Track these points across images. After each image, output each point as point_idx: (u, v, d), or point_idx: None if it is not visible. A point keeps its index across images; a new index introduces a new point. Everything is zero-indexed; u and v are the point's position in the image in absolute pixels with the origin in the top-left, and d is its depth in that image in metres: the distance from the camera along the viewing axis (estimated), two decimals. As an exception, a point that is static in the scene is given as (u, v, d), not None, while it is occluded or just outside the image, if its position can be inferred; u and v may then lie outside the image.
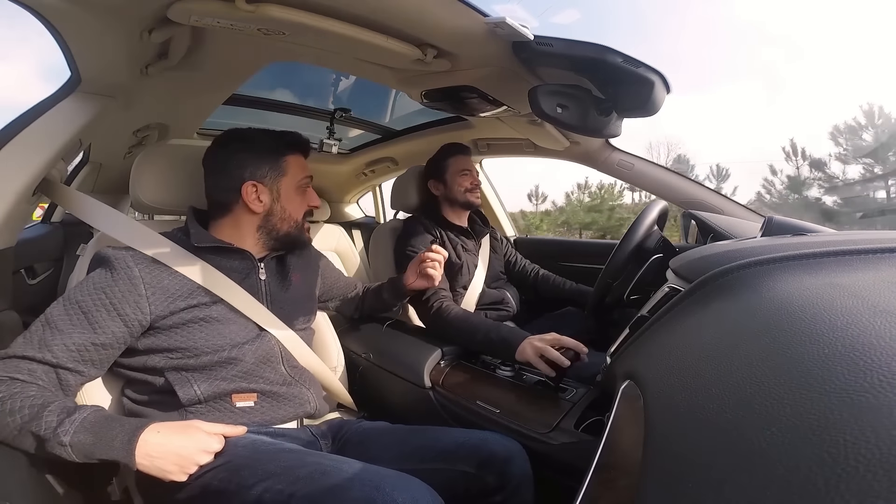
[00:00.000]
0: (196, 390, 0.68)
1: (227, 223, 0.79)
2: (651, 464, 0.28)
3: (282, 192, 0.79)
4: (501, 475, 0.66)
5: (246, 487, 0.56)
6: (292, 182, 0.80)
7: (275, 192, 0.79)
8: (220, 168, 0.78)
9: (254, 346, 0.74)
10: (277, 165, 0.79)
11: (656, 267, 0.90)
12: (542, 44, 0.77)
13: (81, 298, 0.65)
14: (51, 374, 0.62)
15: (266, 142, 0.79)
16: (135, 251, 0.70)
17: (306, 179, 0.83)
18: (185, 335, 0.69)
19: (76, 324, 0.64)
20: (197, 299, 0.71)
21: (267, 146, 0.79)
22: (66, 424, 0.54)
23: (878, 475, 0.15)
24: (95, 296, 0.65)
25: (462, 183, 1.30)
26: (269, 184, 0.78)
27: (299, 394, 0.77)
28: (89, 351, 0.64)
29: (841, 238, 0.54)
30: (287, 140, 0.81)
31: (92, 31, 0.65)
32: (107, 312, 0.65)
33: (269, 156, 0.78)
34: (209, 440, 0.61)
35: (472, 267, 1.31)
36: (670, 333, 0.41)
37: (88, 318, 0.64)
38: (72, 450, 0.54)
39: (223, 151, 0.78)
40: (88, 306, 0.65)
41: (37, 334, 0.62)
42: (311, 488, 0.53)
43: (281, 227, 0.80)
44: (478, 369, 0.96)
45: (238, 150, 0.77)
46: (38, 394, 0.58)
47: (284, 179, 0.80)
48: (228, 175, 0.77)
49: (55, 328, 0.63)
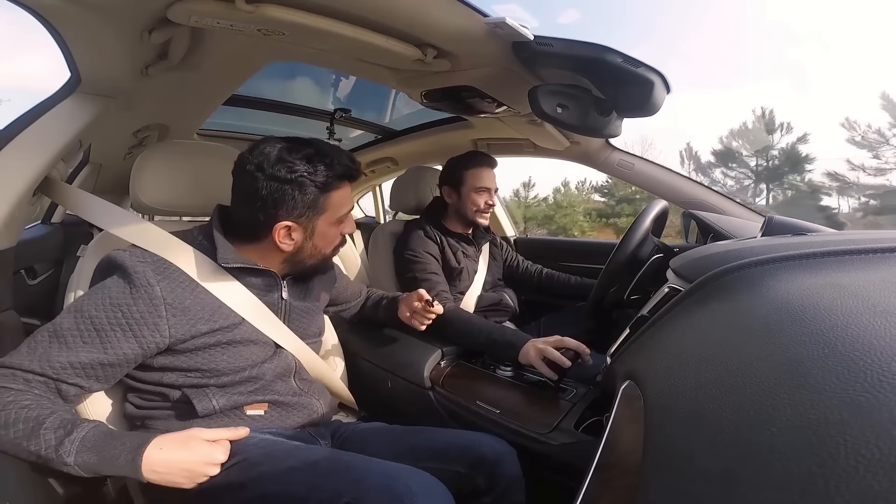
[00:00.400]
0: (214, 404, 0.67)
1: (252, 249, 0.72)
2: (651, 464, 0.28)
3: (317, 230, 0.71)
4: (491, 476, 0.66)
5: (268, 479, 0.57)
6: (331, 217, 0.72)
7: (309, 230, 0.71)
8: (252, 195, 0.66)
9: (272, 363, 0.73)
10: (319, 203, 0.69)
11: (656, 267, 0.90)
12: (542, 44, 0.77)
13: (95, 314, 0.61)
14: (49, 385, 0.59)
15: (312, 175, 0.66)
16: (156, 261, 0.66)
17: (348, 210, 0.74)
18: (206, 358, 0.67)
19: (87, 341, 0.60)
20: (219, 322, 0.67)
21: (313, 181, 0.67)
22: (67, 444, 0.52)
23: (878, 475, 0.15)
24: (111, 312, 0.61)
25: (477, 202, 1.25)
26: (304, 223, 0.70)
27: (308, 403, 0.77)
28: (95, 370, 0.61)
29: (841, 238, 0.54)
30: (337, 172, 0.68)
31: (92, 31, 0.65)
32: (122, 332, 0.61)
33: (312, 193, 0.67)
34: (212, 451, 0.59)
35: (472, 272, 1.30)
36: (670, 333, 0.41)
37: (101, 336, 0.61)
38: (78, 468, 0.53)
39: (260, 176, 0.65)
40: (102, 324, 0.61)
41: (42, 345, 0.59)
42: (335, 479, 0.55)
43: (308, 262, 0.75)
44: (478, 369, 0.96)
45: (276, 181, 0.65)
46: (33, 403, 0.55)
47: (323, 217, 0.71)
48: (262, 210, 0.67)
49: (63, 343, 0.59)
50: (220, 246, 0.69)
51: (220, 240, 0.70)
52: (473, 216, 1.27)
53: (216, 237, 0.70)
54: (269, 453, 0.61)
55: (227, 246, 0.69)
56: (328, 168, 0.68)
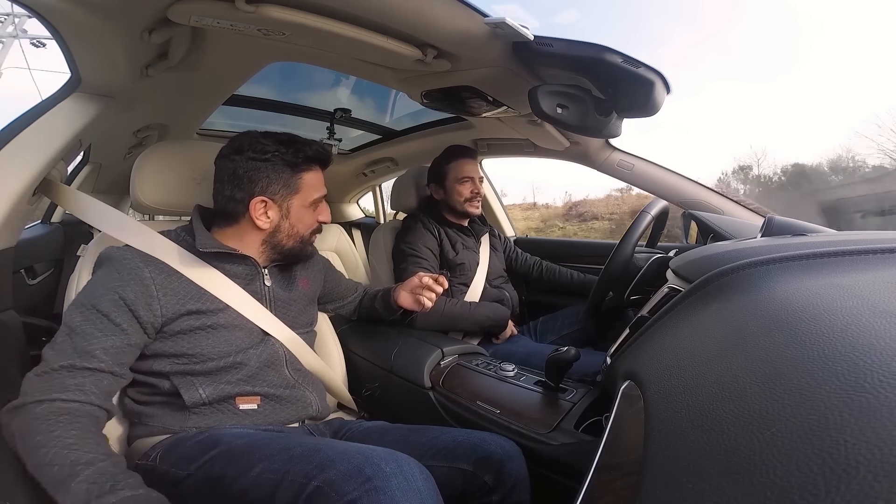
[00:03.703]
0: (201, 393, 0.69)
1: (231, 232, 0.77)
2: (651, 464, 0.28)
3: (292, 210, 0.76)
4: (498, 475, 0.66)
5: (245, 470, 0.57)
6: (305, 200, 0.77)
7: (284, 209, 0.76)
8: (230, 176, 0.73)
9: (258, 350, 0.74)
10: (292, 182, 0.75)
11: (656, 268, 0.90)
12: (542, 44, 0.77)
13: (97, 301, 0.64)
14: (100, 383, 0.61)
15: (284, 155, 0.73)
16: (142, 253, 0.69)
17: (321, 196, 0.79)
18: (191, 342, 0.69)
19: (102, 328, 0.63)
20: (206, 304, 0.70)
21: (284, 160, 0.74)
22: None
23: (878, 476, 0.15)
24: (109, 297, 0.64)
25: (462, 192, 1.28)
26: (279, 200, 0.75)
27: (302, 396, 0.78)
28: (125, 353, 0.64)
29: (841, 238, 0.54)
30: (307, 154, 0.75)
31: (92, 31, 0.65)
32: (125, 313, 0.64)
33: (284, 171, 0.74)
34: None
35: (474, 264, 1.31)
36: (670, 334, 0.41)
37: (111, 319, 0.63)
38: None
39: (237, 158, 0.73)
40: (107, 308, 0.64)
41: (68, 344, 0.61)
42: (304, 464, 0.53)
43: (286, 244, 0.78)
44: (478, 369, 0.96)
45: (252, 160, 0.72)
46: (75, 442, 0.54)
47: (297, 197, 0.76)
48: (238, 186, 0.73)
49: (86, 334, 0.62)
50: (199, 234, 0.73)
51: (199, 230, 0.74)
52: (463, 206, 1.29)
53: (195, 228, 0.74)
54: (250, 444, 0.61)
55: (205, 233, 0.74)
56: (299, 150, 0.75)
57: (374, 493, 0.47)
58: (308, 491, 0.50)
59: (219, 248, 0.73)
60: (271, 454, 0.57)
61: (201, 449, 0.62)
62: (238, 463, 0.58)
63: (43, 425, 0.54)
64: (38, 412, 0.55)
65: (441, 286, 0.92)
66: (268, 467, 0.55)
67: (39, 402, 0.56)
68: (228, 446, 0.61)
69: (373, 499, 0.47)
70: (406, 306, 0.98)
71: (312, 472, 0.51)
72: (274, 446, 0.59)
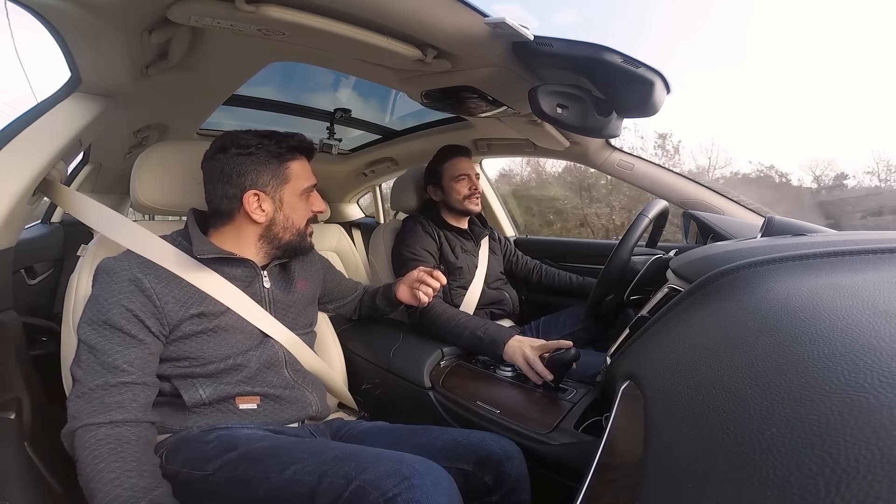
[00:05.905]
0: (201, 394, 0.69)
1: (228, 231, 0.77)
2: (651, 464, 0.28)
3: (285, 201, 0.77)
4: (498, 475, 0.66)
5: (275, 472, 0.58)
6: (296, 189, 0.77)
7: (277, 200, 0.76)
8: (219, 175, 0.74)
9: (258, 352, 0.75)
10: (280, 172, 0.76)
11: (655, 268, 0.90)
12: (542, 44, 0.77)
13: (106, 317, 0.64)
14: (138, 398, 0.62)
15: (268, 146, 0.75)
16: (139, 260, 0.69)
17: (311, 185, 0.80)
18: (193, 345, 0.70)
19: (118, 341, 0.63)
20: (208, 308, 0.71)
21: (269, 151, 0.75)
22: None
23: (878, 476, 0.15)
24: (117, 310, 0.64)
25: (459, 189, 1.28)
26: (271, 192, 0.75)
27: (302, 396, 0.78)
28: (149, 362, 0.65)
29: (841, 238, 0.54)
30: (290, 144, 0.77)
31: (92, 31, 0.65)
32: (136, 324, 0.65)
33: (271, 162, 0.75)
34: None
35: (472, 268, 1.31)
36: (670, 334, 0.41)
37: (126, 332, 0.64)
38: None
39: (222, 157, 0.73)
40: (119, 322, 0.64)
41: (94, 361, 0.62)
42: (342, 466, 0.55)
43: (283, 237, 0.78)
44: (478, 369, 0.96)
45: (238, 156, 0.73)
46: (117, 477, 0.57)
47: (287, 187, 0.76)
48: (228, 183, 0.73)
49: (107, 350, 0.62)
50: (196, 240, 0.73)
51: (195, 235, 0.74)
52: (462, 204, 1.29)
53: (192, 233, 0.74)
54: (273, 447, 0.62)
55: (202, 239, 0.74)
56: (282, 141, 0.76)
57: (412, 489, 0.51)
58: (350, 490, 0.52)
59: (216, 254, 0.73)
60: (302, 457, 0.58)
61: (218, 450, 0.63)
62: (266, 465, 0.59)
63: (89, 457, 0.57)
64: (85, 440, 0.58)
65: (438, 281, 0.92)
66: (301, 469, 0.57)
67: (87, 429, 0.59)
68: (249, 448, 0.62)
69: (411, 495, 0.50)
70: (405, 301, 0.99)
71: (351, 473, 0.54)
72: (303, 449, 0.60)
